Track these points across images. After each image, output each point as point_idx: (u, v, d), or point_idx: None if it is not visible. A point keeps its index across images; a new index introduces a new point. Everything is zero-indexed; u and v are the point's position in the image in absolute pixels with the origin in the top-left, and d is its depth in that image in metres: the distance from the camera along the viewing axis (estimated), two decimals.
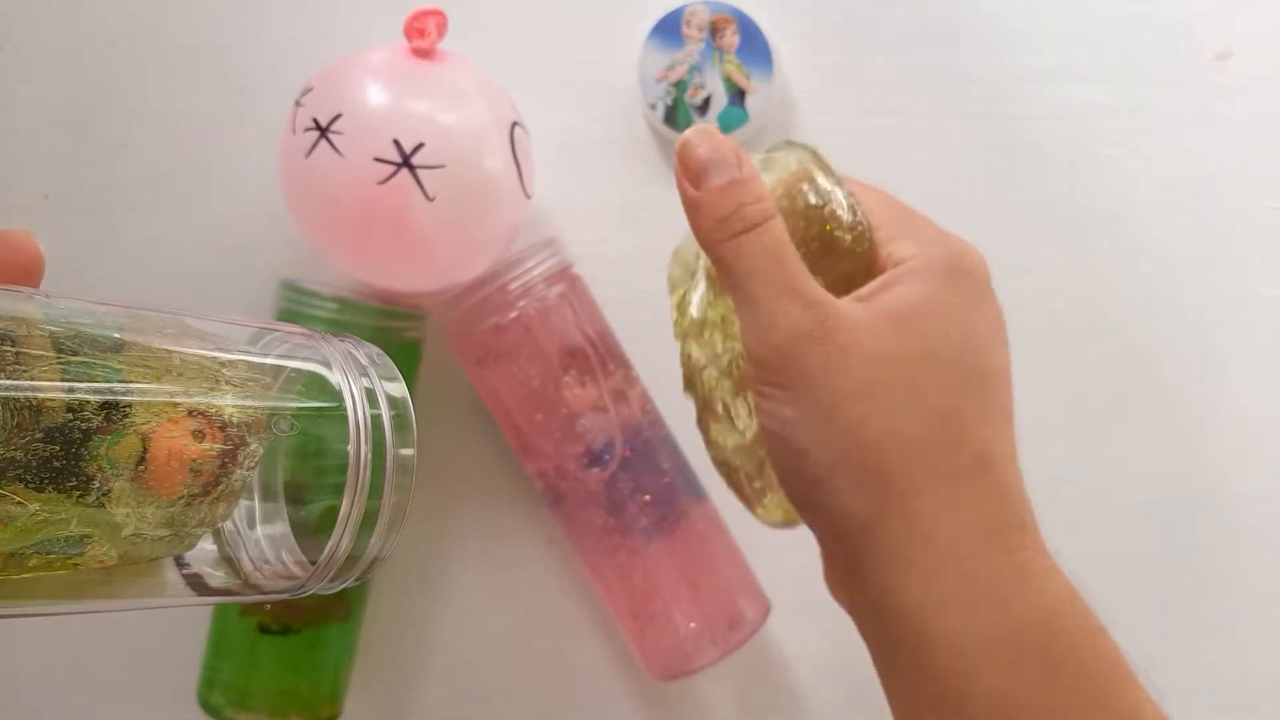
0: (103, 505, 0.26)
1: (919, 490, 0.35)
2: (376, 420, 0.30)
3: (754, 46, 0.56)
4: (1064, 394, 0.56)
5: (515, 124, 0.52)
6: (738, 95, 0.56)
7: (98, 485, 0.26)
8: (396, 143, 0.47)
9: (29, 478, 0.24)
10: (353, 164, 0.48)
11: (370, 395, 0.30)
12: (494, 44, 0.57)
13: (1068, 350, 0.56)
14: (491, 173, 0.50)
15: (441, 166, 0.48)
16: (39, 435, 0.24)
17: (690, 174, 0.39)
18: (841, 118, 0.58)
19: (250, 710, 0.53)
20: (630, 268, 0.57)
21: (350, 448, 0.29)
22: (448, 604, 0.58)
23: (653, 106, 0.57)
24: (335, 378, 0.30)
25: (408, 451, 0.30)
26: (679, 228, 0.58)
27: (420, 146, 0.47)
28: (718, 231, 0.38)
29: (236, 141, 0.59)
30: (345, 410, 0.29)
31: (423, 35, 0.50)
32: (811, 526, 0.38)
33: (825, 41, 0.58)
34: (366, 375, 0.31)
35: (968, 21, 0.58)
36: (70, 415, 0.25)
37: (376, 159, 0.47)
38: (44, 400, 0.25)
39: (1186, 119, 0.56)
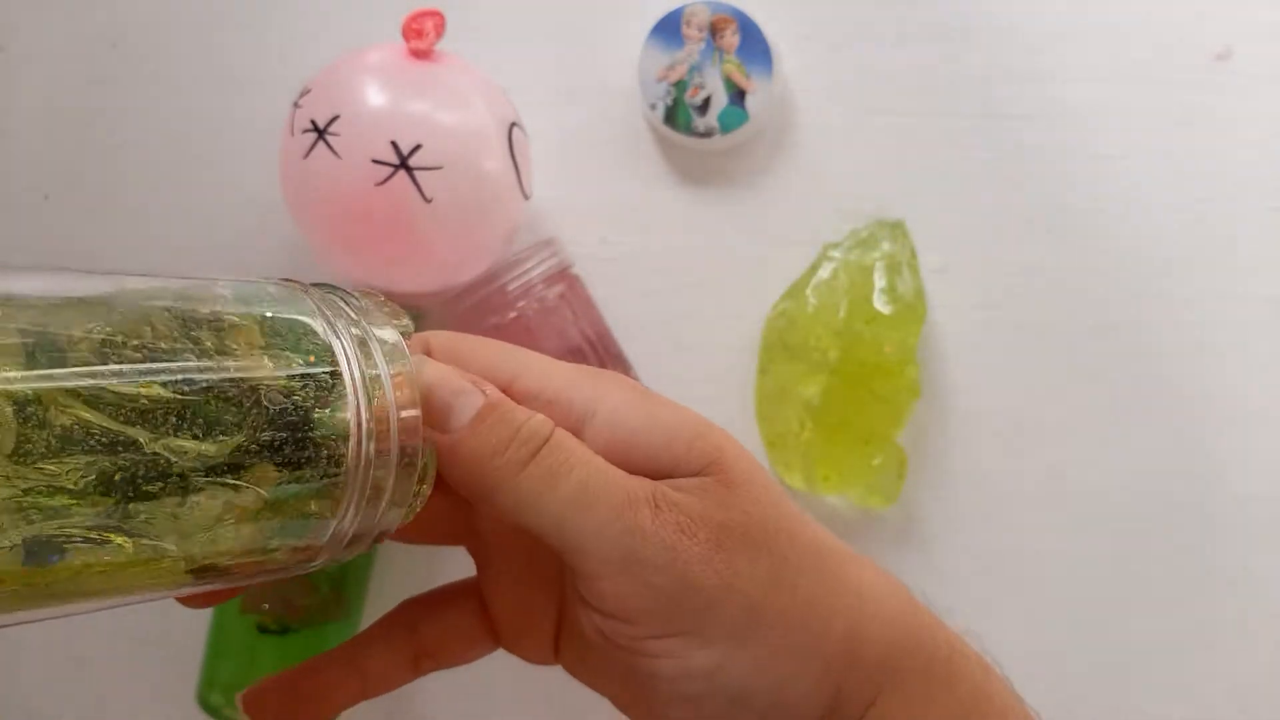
0: (335, 478, 0.26)
1: (893, 671, 0.30)
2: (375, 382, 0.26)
3: (754, 46, 0.56)
4: (1064, 394, 0.56)
5: (514, 124, 0.52)
6: (738, 95, 0.56)
7: (327, 456, 0.25)
8: (394, 144, 0.47)
9: (277, 459, 0.24)
10: (350, 165, 0.48)
11: (364, 348, 0.27)
12: (492, 44, 0.57)
13: (1068, 350, 0.56)
14: (490, 174, 0.50)
15: (439, 168, 0.48)
16: (269, 417, 0.24)
17: (433, 418, 0.29)
18: (841, 118, 0.58)
19: None
20: (629, 268, 0.57)
21: (350, 416, 0.26)
22: None
23: (653, 106, 0.57)
24: (330, 339, 0.26)
25: (412, 413, 0.27)
26: (679, 228, 0.59)
27: (418, 148, 0.47)
28: (497, 473, 0.29)
29: (236, 141, 0.59)
30: (341, 375, 0.26)
31: (421, 36, 0.50)
32: None
33: (825, 41, 0.58)
34: (358, 326, 0.27)
35: (967, 21, 0.57)
36: (292, 393, 0.25)
37: (374, 160, 0.47)
38: (264, 380, 0.25)
39: (1186, 119, 0.56)
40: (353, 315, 0.28)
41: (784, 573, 0.30)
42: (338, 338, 0.27)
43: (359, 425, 0.26)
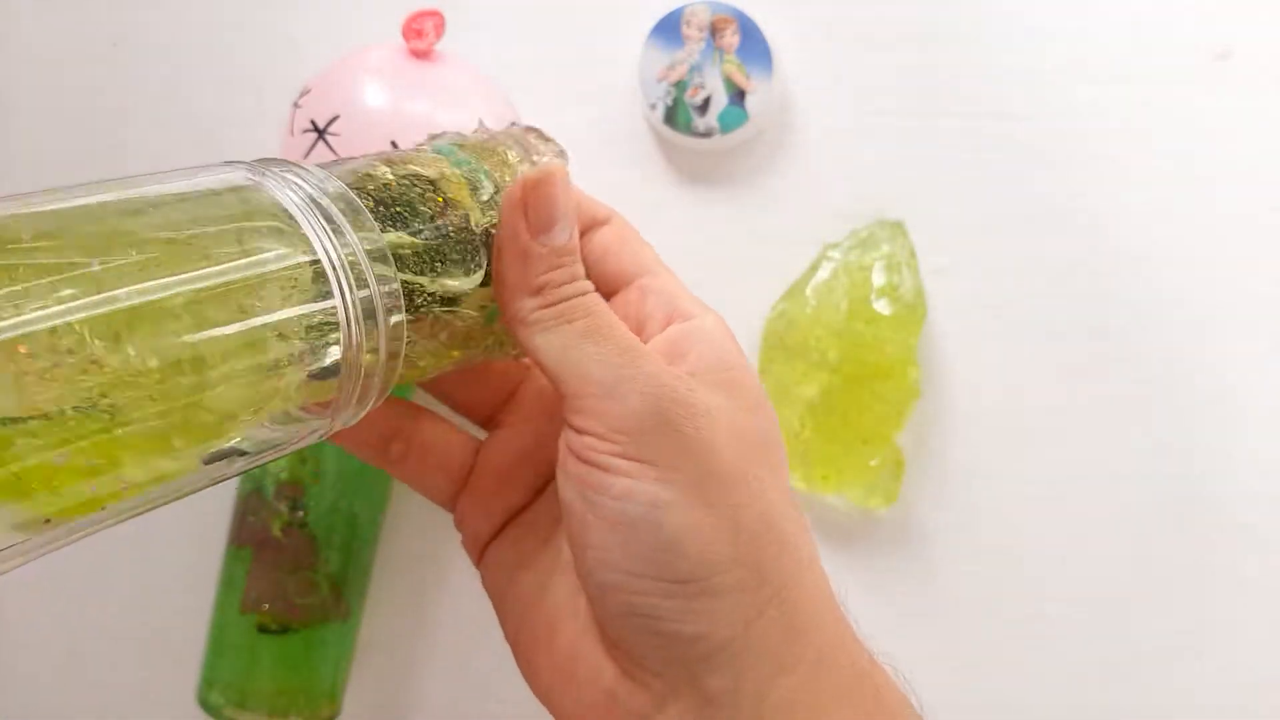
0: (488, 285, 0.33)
1: (789, 582, 0.31)
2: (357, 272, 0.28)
3: (754, 46, 0.56)
4: (1064, 394, 0.56)
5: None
6: (738, 95, 0.56)
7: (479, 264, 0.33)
8: (394, 144, 0.47)
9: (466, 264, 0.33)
10: None
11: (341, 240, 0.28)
12: (492, 45, 0.57)
13: (1068, 350, 0.56)
14: None
15: None
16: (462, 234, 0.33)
17: (540, 217, 0.33)
18: (841, 118, 0.58)
19: (249, 709, 0.53)
20: None
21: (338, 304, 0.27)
22: (447, 604, 0.58)
23: (653, 106, 0.57)
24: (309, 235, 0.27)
25: (397, 318, 0.29)
26: (678, 227, 0.59)
27: None
28: (537, 300, 0.32)
29: (237, 141, 0.59)
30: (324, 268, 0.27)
31: (420, 36, 0.50)
32: (648, 655, 0.31)
33: (825, 41, 0.58)
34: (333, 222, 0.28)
35: (968, 21, 0.57)
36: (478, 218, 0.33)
37: None
38: (470, 207, 0.33)
39: (1186, 119, 0.56)
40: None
41: (752, 475, 0.32)
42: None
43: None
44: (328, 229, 0.27)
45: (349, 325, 0.27)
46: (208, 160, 0.59)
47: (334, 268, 0.27)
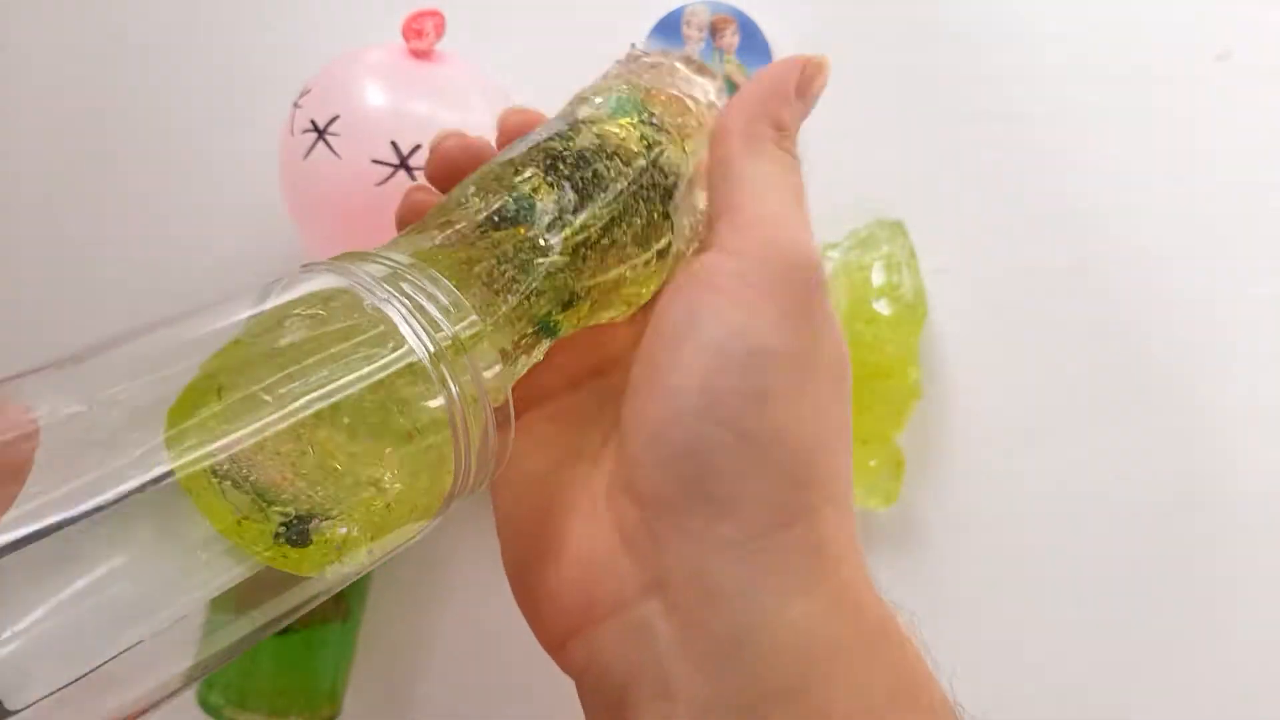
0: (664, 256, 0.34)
1: (828, 503, 0.30)
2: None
3: (754, 46, 0.56)
4: (1064, 394, 0.56)
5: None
6: None
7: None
8: (394, 144, 0.47)
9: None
10: (350, 166, 0.48)
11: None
12: (492, 44, 0.57)
13: (1068, 350, 0.56)
14: None
15: None
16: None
17: (809, 85, 0.36)
18: (841, 118, 0.58)
19: (249, 709, 0.53)
20: None
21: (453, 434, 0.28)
22: (447, 604, 0.58)
23: None
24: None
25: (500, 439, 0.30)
26: None
27: (418, 148, 0.47)
28: (773, 132, 0.35)
29: (236, 141, 0.59)
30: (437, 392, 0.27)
31: (421, 36, 0.50)
32: (673, 506, 0.29)
33: (825, 41, 0.58)
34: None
35: (968, 21, 0.57)
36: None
37: (374, 160, 0.47)
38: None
39: (1186, 119, 0.56)
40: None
41: (842, 386, 0.32)
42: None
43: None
44: (428, 338, 0.27)
45: (459, 454, 0.28)
46: (208, 159, 0.59)
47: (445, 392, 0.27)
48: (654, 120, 0.34)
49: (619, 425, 0.32)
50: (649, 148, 0.33)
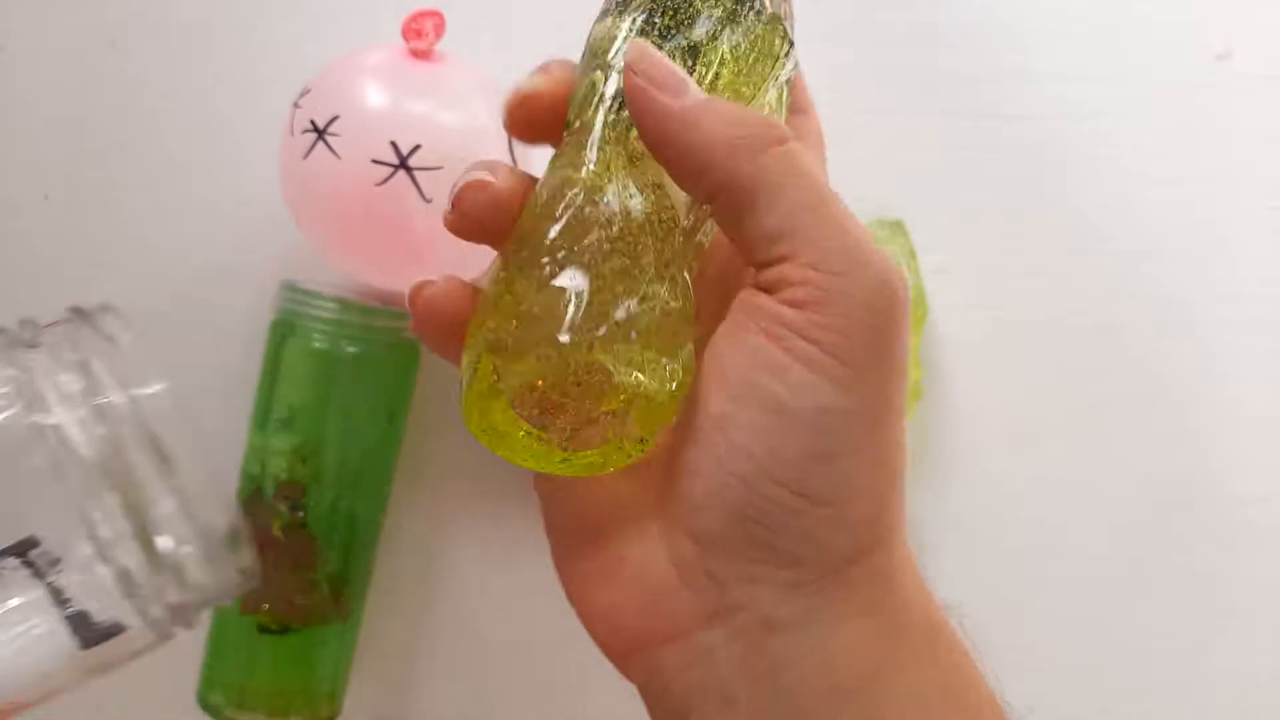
0: None
1: (894, 526, 0.30)
2: None
3: None
4: (1064, 394, 0.56)
5: None
6: None
7: None
8: (394, 144, 0.47)
9: None
10: (350, 166, 0.48)
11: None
12: (492, 44, 0.57)
13: (1068, 350, 0.56)
14: None
15: (439, 168, 0.48)
16: None
17: (669, 82, 0.30)
18: (841, 118, 0.58)
19: (249, 710, 0.53)
20: None
21: None
22: (448, 604, 0.58)
23: None
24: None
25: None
26: None
27: (417, 148, 0.47)
28: (747, 141, 0.29)
29: (236, 141, 0.59)
30: None
31: (420, 36, 0.50)
32: (731, 557, 0.29)
33: (825, 41, 0.58)
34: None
35: (968, 21, 0.57)
36: None
37: (374, 161, 0.47)
38: None
39: (1186, 119, 0.56)
40: None
41: (898, 410, 0.30)
42: None
43: None
44: None
45: None
46: (208, 159, 0.59)
47: None
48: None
49: (669, 451, 0.31)
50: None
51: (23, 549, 0.26)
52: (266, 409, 0.53)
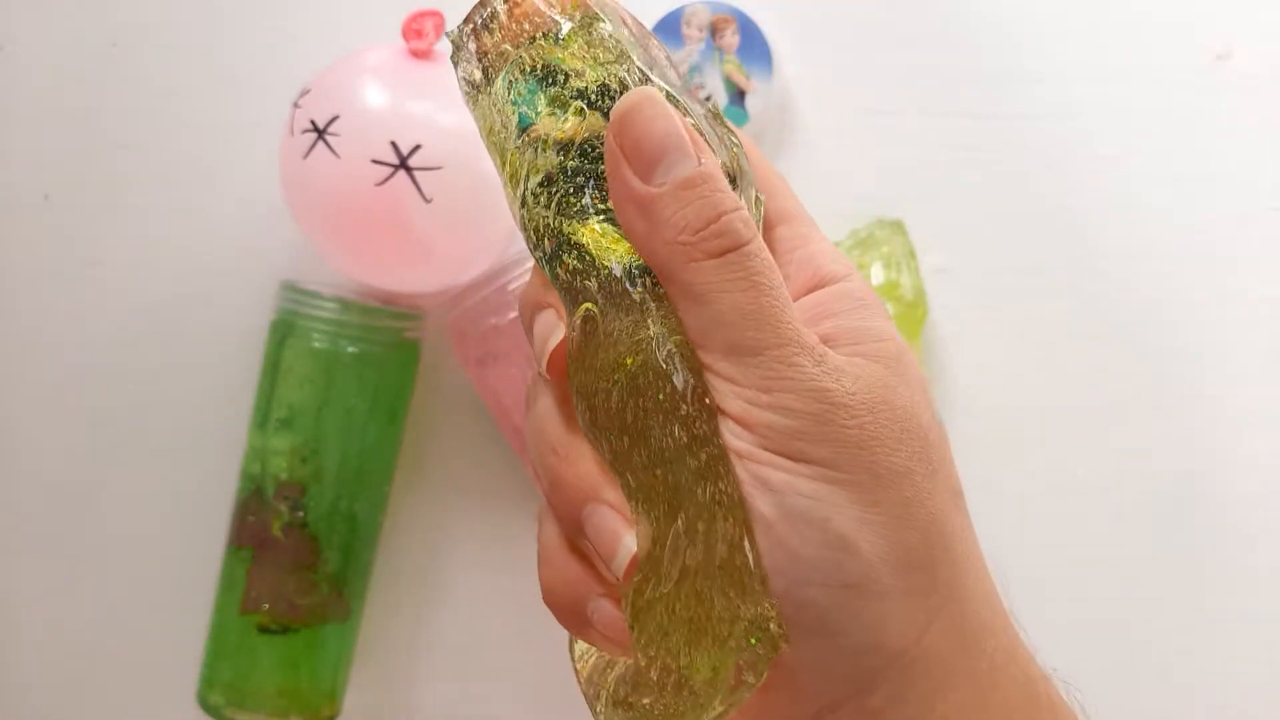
0: None
1: (957, 584, 0.29)
2: None
3: (754, 46, 0.56)
4: (1064, 394, 0.56)
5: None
6: (738, 95, 0.56)
7: None
8: (394, 144, 0.47)
9: None
10: (349, 166, 0.48)
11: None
12: None
13: (1068, 350, 0.56)
14: (490, 174, 0.49)
15: (439, 168, 0.48)
16: None
17: (641, 158, 0.29)
18: (841, 118, 0.58)
19: (249, 710, 0.53)
20: None
21: None
22: (447, 604, 0.58)
23: None
24: None
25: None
26: None
27: (417, 148, 0.47)
28: (685, 248, 0.28)
29: (236, 141, 0.59)
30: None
31: (420, 36, 0.50)
32: (813, 666, 0.28)
33: (825, 41, 0.58)
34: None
35: (968, 21, 0.57)
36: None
37: (374, 160, 0.47)
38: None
39: (1186, 119, 0.56)
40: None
41: (918, 470, 0.28)
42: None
43: None
44: None
45: None
46: (208, 159, 0.59)
47: None
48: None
49: None
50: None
51: None
52: (266, 409, 0.53)
